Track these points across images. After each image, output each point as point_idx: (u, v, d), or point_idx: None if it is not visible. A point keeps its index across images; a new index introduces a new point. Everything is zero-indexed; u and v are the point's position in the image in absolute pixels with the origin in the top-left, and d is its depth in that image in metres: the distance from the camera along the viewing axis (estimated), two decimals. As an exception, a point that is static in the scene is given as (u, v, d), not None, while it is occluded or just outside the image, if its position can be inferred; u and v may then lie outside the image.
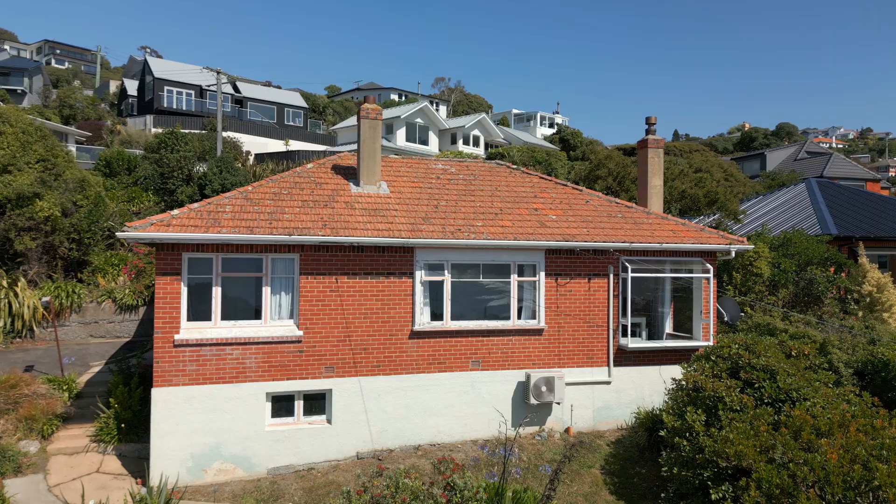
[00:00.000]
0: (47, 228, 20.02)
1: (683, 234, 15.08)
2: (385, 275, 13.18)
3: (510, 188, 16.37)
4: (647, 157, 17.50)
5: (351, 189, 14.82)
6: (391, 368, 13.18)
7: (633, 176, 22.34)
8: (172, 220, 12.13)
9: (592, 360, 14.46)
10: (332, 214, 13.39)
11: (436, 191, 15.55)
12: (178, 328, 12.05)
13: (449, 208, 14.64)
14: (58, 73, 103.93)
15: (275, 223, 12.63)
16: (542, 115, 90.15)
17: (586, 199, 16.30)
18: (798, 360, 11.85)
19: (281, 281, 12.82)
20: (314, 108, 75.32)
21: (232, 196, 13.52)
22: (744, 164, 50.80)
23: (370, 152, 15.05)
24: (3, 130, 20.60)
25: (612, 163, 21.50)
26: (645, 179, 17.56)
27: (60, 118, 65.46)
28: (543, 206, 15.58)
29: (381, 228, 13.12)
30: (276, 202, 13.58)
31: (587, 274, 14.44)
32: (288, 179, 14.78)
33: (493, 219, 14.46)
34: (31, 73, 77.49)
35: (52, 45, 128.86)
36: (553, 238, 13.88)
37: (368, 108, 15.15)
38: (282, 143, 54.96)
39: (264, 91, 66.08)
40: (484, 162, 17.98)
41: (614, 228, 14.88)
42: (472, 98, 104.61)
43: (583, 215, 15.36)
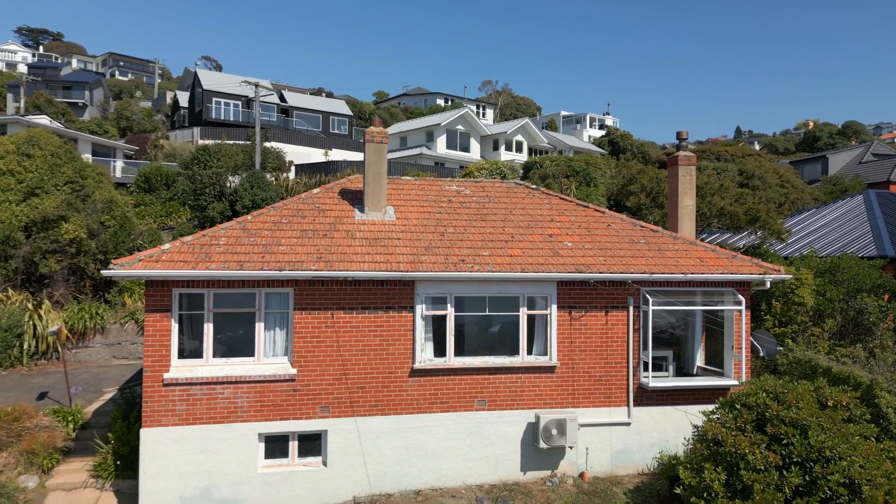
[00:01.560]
0: (72, 250, 20.25)
1: (712, 263, 13.85)
2: (384, 309, 12.51)
3: (526, 211, 15.47)
4: (677, 175, 16.28)
5: (355, 216, 14.23)
6: (390, 408, 12.50)
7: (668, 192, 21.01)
8: (162, 255, 11.79)
9: (610, 400, 13.42)
10: (329, 245, 12.81)
11: (445, 216, 14.81)
12: (168, 366, 11.68)
13: (456, 236, 13.87)
14: (120, 85, 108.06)
15: (267, 257, 12.15)
16: (591, 117, 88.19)
17: (607, 223, 15.24)
18: (835, 412, 10.56)
19: (275, 316, 12.32)
20: (360, 115, 75.59)
21: (229, 227, 13.12)
22: (804, 168, 48.04)
23: (375, 177, 14.43)
24: (32, 154, 20.98)
25: (645, 178, 20.26)
26: (675, 199, 16.33)
27: (118, 130, 67.82)
28: (560, 231, 14.62)
29: (380, 261, 12.47)
30: (274, 233, 13.11)
31: (604, 306, 13.41)
32: (291, 206, 14.31)
33: (503, 247, 13.61)
34: (91, 86, 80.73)
35: (115, 57, 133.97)
36: (565, 269, 12.93)
37: (373, 131, 14.54)
38: (329, 151, 55.17)
39: (310, 100, 66.68)
40: (502, 182, 17.12)
41: (635, 257, 13.80)
42: (521, 100, 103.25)
43: (601, 242, 14.33)
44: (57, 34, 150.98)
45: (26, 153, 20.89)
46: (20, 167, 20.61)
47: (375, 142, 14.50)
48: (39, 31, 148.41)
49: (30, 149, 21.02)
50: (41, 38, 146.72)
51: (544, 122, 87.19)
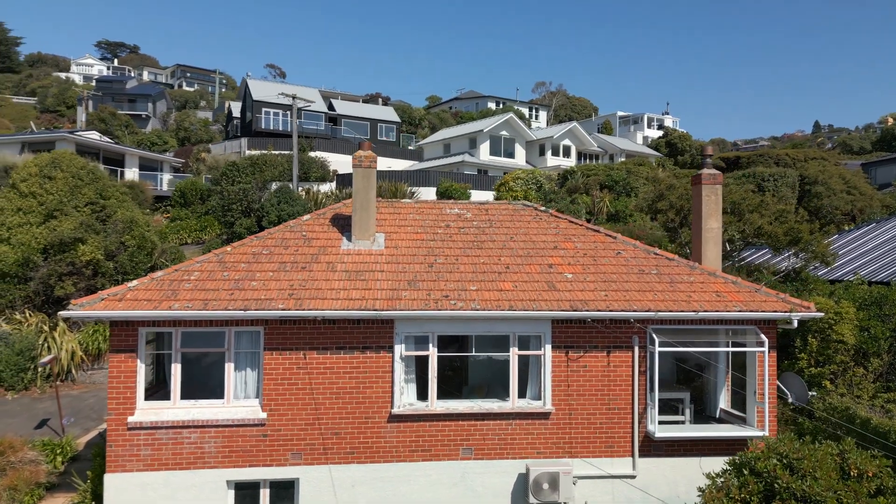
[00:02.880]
0: (88, 272, 20.35)
1: (731, 298, 12.36)
2: (360, 349, 11.68)
3: (529, 237, 14.33)
4: (701, 196, 14.77)
5: (342, 245, 13.47)
6: (367, 456, 11.65)
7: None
8: (127, 293, 11.33)
9: (612, 450, 12.14)
10: (305, 280, 12.08)
11: (439, 243, 13.86)
12: (133, 409, 11.22)
13: (445, 267, 12.89)
14: (186, 96, 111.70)
15: (236, 294, 11.52)
16: (649, 117, 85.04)
17: (617, 250, 13.92)
18: (860, 484, 9.02)
19: (246, 356, 11.68)
20: (410, 121, 75.35)
21: (206, 259, 12.58)
22: (877, 171, 44.42)
23: (363, 204, 13.63)
24: (53, 176, 21.24)
25: (675, 194, 18.66)
26: (699, 222, 14.83)
27: (176, 140, 69.91)
28: (562, 260, 13.42)
29: (355, 297, 11.64)
30: (251, 266, 12.49)
31: (606, 346, 12.15)
32: (276, 235, 13.68)
33: (495, 279, 12.54)
34: (154, 98, 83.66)
35: (183, 68, 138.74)
36: (559, 306, 11.75)
37: (361, 155, 13.75)
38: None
39: (358, 108, 66.85)
40: (510, 204, 16.01)
41: (642, 290, 12.46)
42: (576, 101, 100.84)
43: (606, 273, 13.04)
44: (133, 47, 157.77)
45: (48, 175, 21.18)
46: (42, 189, 20.90)
47: (363, 167, 13.71)
48: (117, 44, 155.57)
49: (52, 171, 21.31)
50: (119, 50, 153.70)
51: (599, 123, 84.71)
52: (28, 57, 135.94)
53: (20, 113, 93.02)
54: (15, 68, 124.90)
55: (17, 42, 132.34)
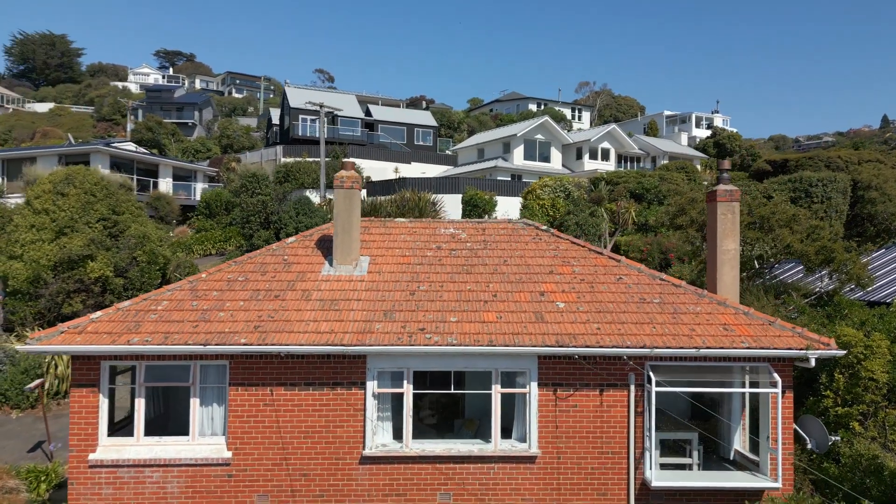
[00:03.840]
0: (97, 289, 20.33)
1: (739, 332, 11.11)
2: (330, 385, 10.96)
3: (524, 260, 13.36)
4: (716, 214, 13.50)
5: (322, 270, 12.80)
6: (337, 500, 10.92)
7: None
8: (88, 325, 10.91)
9: (605, 497, 11.07)
10: (276, 310, 11.44)
11: (426, 267, 13.03)
12: (95, 446, 10.79)
13: (428, 295, 12.06)
14: (234, 103, 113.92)
15: (201, 326, 10.97)
16: (697, 117, 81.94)
17: (618, 276, 12.80)
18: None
19: (212, 391, 11.12)
20: (449, 125, 74.64)
21: (177, 287, 12.10)
22: (941, 171, 41.23)
23: (345, 227, 12.93)
24: (66, 192, 21.34)
25: (695, 210, 17.29)
26: (714, 242, 13.55)
27: (220, 148, 71.08)
28: (555, 287, 12.40)
29: (324, 330, 10.93)
30: (223, 294, 11.93)
31: (598, 384, 11.09)
32: (256, 259, 13.12)
33: (479, 309, 11.64)
34: (200, 106, 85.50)
35: (232, 75, 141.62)
36: (544, 341, 10.77)
37: (343, 175, 13.05)
38: (408, 166, 54.56)
39: (395, 113, 66.54)
40: (509, 223, 15.06)
41: (639, 322, 11.34)
42: (622, 101, 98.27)
43: (603, 302, 11.96)
44: (189, 55, 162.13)
45: (61, 192, 21.30)
46: (54, 206, 21.02)
47: (345, 188, 13.01)
48: (175, 53, 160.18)
49: (65, 187, 21.42)
50: (176, 59, 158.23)
51: (645, 123, 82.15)
52: (90, 67, 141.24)
53: (78, 122, 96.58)
54: (77, 78, 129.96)
55: (78, 53, 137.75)
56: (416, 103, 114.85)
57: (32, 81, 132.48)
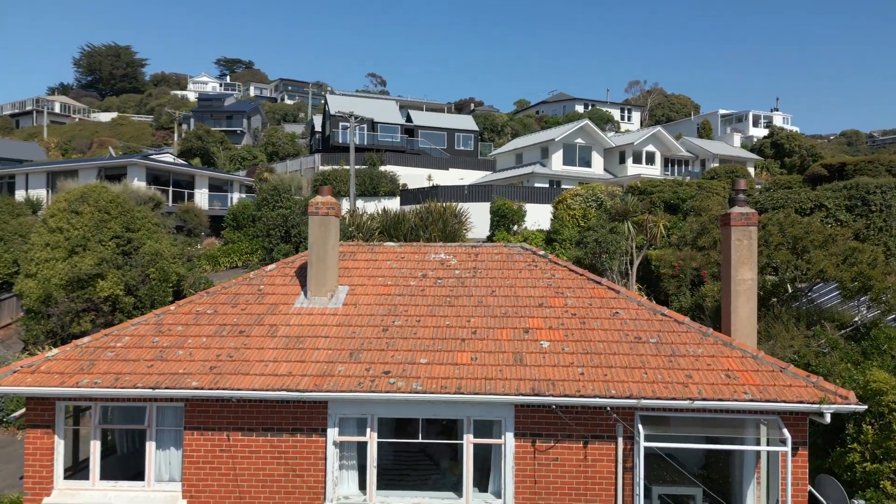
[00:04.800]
0: (106, 308, 20.29)
1: (744, 380, 9.79)
2: (290, 431, 10.22)
3: (514, 290, 12.31)
4: (730, 239, 12.15)
5: (296, 302, 12.09)
6: (296, 554, 10.17)
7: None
8: (43, 364, 10.51)
9: (590, 563, 9.93)
10: (237, 348, 10.79)
11: (406, 298, 12.16)
12: (50, 489, 10.38)
13: (402, 331, 11.18)
14: (286, 109, 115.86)
15: (157, 366, 10.41)
16: (755, 115, 78.35)
17: (615, 310, 11.60)
18: None
19: (170, 434, 10.54)
20: (492, 128, 73.51)
21: (141, 321, 11.60)
22: None
23: (320, 256, 12.19)
24: (80, 211, 21.40)
25: (718, 230, 15.79)
26: (729, 270, 12.21)
27: (265, 155, 72.07)
28: (542, 323, 11.32)
29: (283, 372, 10.20)
30: (188, 329, 11.36)
31: (582, 436, 9.97)
32: (230, 290, 12.52)
33: (454, 349, 10.68)
34: (249, 114, 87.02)
35: (285, 82, 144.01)
36: (518, 388, 9.73)
37: (318, 201, 12.32)
38: (445, 172, 53.81)
39: (435, 118, 65.88)
40: (505, 247, 14.03)
41: (630, 367, 10.16)
42: (674, 99, 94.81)
43: (593, 341, 10.81)
44: (248, 63, 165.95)
45: (75, 210, 21.38)
46: (68, 224, 21.11)
47: (320, 214, 12.27)
48: (234, 61, 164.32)
49: (79, 205, 21.50)
50: (236, 66, 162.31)
51: (698, 123, 78.93)
52: (153, 76, 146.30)
53: (138, 131, 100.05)
54: (140, 88, 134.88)
55: (142, 64, 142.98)
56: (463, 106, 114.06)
57: (99, 92, 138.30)
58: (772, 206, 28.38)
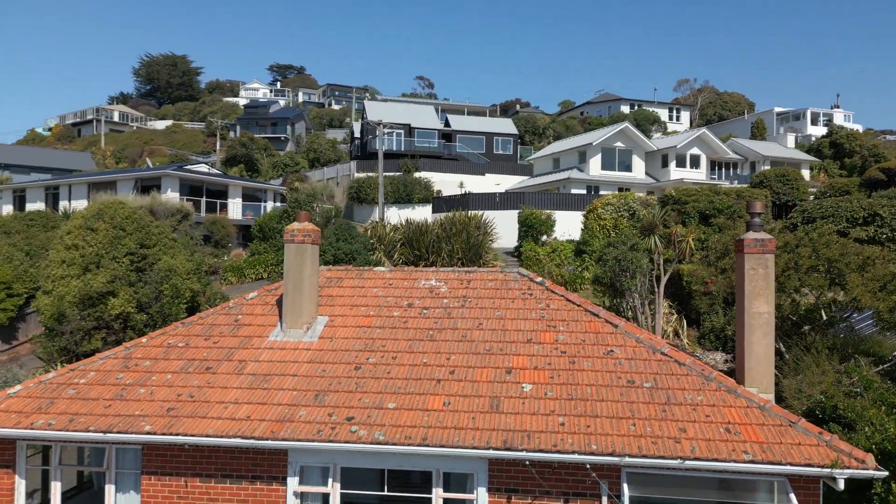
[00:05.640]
0: (117, 326, 20.24)
1: (746, 436, 8.62)
2: (249, 479, 9.58)
3: (503, 322, 11.38)
4: (744, 269, 10.93)
5: (271, 335, 11.48)
6: None
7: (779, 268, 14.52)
8: (3, 402, 10.18)
9: None
10: (200, 387, 10.22)
11: (387, 331, 11.38)
12: (9, 532, 10.03)
13: (375, 369, 10.41)
14: (332, 115, 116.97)
15: (115, 406, 9.94)
16: (813, 113, 74.48)
17: (609, 347, 10.55)
18: None
19: (129, 478, 10.05)
20: (534, 131, 72.16)
21: (110, 355, 11.19)
22: None
23: (295, 286, 11.54)
24: (96, 227, 21.46)
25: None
26: (742, 302, 10.99)
27: (307, 162, 72.64)
28: (528, 362, 10.37)
29: (241, 416, 9.57)
30: (155, 364, 10.88)
31: (562, 493, 8.98)
32: (207, 320, 12.01)
33: (427, 391, 9.85)
34: (293, 120, 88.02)
35: (332, 87, 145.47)
36: (490, 441, 8.83)
37: (294, 228, 11.68)
38: (481, 178, 52.91)
39: (474, 122, 65.01)
40: (501, 272, 13.10)
41: (618, 417, 9.11)
42: (727, 97, 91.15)
43: (580, 384, 9.80)
44: (300, 68, 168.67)
45: (91, 227, 21.45)
46: (84, 241, 21.19)
47: (296, 242, 11.62)
48: (286, 66, 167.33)
49: (95, 222, 21.57)
50: (288, 72, 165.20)
51: (752, 122, 75.60)
52: (208, 84, 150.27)
53: (190, 138, 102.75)
54: (196, 96, 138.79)
55: (197, 72, 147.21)
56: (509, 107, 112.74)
57: (157, 100, 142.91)
58: (820, 216, 26.45)
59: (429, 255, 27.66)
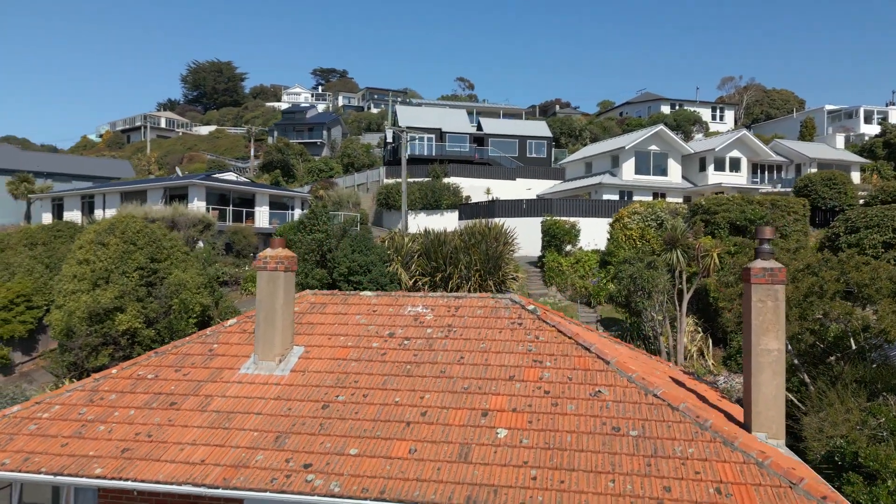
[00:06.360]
0: (124, 342, 20.16)
1: (739, 498, 7.62)
2: (205, 526, 9.04)
3: (485, 357, 10.59)
4: (750, 301, 9.90)
5: (242, 367, 10.96)
6: None
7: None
8: (-37, 437, 9.89)
9: None
10: (160, 426, 9.75)
11: (363, 364, 10.73)
12: (-31, 572, 9.74)
13: (343, 409, 9.76)
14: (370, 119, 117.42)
15: (71, 444, 9.54)
16: (866, 111, 70.80)
17: (597, 388, 9.64)
18: None
19: (88, 518, 9.65)
20: (570, 133, 70.66)
21: (78, 387, 10.83)
22: None
23: (267, 317, 10.98)
24: (107, 242, 21.48)
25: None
26: (749, 340, 9.95)
27: (341, 167, 72.78)
28: (507, 403, 9.55)
29: (195, 460, 9.04)
30: (121, 398, 10.47)
31: (534, 554, 8.14)
32: (181, 349, 11.57)
33: (394, 435, 9.15)
34: (329, 125, 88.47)
35: (371, 91, 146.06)
36: (453, 496, 8.06)
37: (267, 255, 11.13)
38: (511, 183, 51.93)
39: (506, 125, 63.98)
40: (492, 298, 12.29)
41: (596, 471, 8.23)
42: (775, 95, 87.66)
43: (559, 430, 8.94)
44: (342, 72, 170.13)
45: (102, 242, 21.48)
46: (94, 256, 21.22)
47: (268, 269, 11.07)
48: (329, 70, 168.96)
49: (106, 237, 21.59)
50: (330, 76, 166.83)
51: (800, 119, 72.44)
52: (252, 89, 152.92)
53: (233, 143, 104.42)
54: (240, 101, 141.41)
55: (242, 78, 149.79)
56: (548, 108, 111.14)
57: (203, 106, 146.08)
58: (864, 226, 24.75)
59: (446, 267, 26.94)
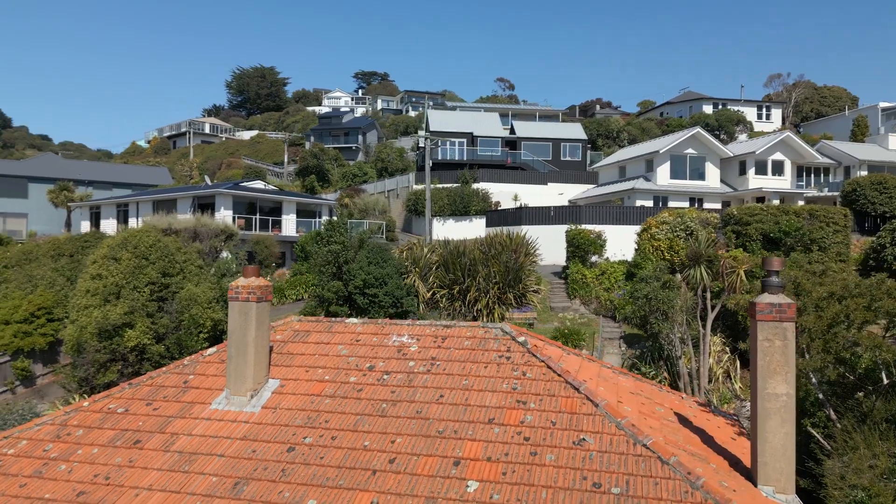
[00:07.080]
0: (133, 358, 20.08)
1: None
2: (158, 578, 8.55)
3: (466, 396, 9.84)
4: (756, 339, 8.92)
5: (214, 402, 10.47)
6: None
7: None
8: (-74, 474, 9.65)
9: None
10: (119, 468, 9.31)
11: (337, 401, 10.11)
12: None
13: (308, 452, 9.16)
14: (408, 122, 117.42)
15: (30, 486, 9.20)
16: (924, 107, 66.93)
17: (582, 435, 8.79)
18: None
19: (46, 562, 9.27)
20: (606, 134, 68.96)
21: (48, 421, 10.52)
22: None
23: (239, 349, 10.46)
24: (119, 257, 21.47)
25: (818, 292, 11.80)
26: (756, 382, 8.98)
27: (375, 171, 72.76)
28: (483, 450, 8.79)
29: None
30: (87, 433, 10.11)
31: None
32: (157, 380, 11.17)
33: (357, 485, 8.49)
34: (364, 129, 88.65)
35: (410, 94, 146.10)
36: (408, 560, 7.35)
37: (239, 285, 10.58)
38: (543, 188, 50.83)
39: (540, 128, 62.77)
40: (482, 328, 11.52)
41: (569, 537, 7.40)
42: (826, 92, 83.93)
43: (535, 486, 8.13)
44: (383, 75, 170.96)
45: (114, 256, 21.49)
46: (107, 271, 21.24)
47: (240, 300, 10.53)
48: (370, 73, 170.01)
49: (119, 251, 21.59)
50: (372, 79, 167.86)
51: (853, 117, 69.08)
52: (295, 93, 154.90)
53: (273, 148, 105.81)
54: (282, 106, 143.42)
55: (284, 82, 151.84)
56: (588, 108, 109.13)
57: (246, 111, 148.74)
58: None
59: (465, 279, 26.22)
